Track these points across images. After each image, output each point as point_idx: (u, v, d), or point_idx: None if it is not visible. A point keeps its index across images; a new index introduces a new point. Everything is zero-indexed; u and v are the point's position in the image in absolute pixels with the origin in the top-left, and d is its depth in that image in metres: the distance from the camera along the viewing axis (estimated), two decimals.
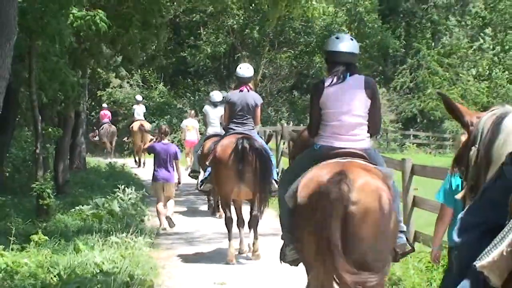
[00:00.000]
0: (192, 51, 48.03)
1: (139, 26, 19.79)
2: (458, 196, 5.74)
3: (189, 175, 21.35)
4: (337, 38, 8.70)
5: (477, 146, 5.31)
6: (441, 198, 8.77)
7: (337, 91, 8.21)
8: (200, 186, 16.58)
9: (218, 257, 14.24)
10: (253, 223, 14.18)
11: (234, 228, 14.28)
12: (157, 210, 17.58)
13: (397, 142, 49.99)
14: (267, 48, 49.02)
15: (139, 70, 40.10)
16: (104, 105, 39.88)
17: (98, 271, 10.59)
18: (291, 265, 9.21)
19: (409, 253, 9.29)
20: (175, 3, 22.27)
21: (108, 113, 38.40)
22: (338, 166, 7.60)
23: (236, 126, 13.93)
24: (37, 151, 16.78)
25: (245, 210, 14.68)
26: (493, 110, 5.22)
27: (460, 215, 4.80)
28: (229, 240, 13.98)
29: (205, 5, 26.01)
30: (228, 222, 14.08)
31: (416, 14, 55.99)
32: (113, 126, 37.93)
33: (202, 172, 17.77)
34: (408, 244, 8.66)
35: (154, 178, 17.81)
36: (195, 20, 43.54)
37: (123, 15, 18.59)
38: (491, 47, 54.82)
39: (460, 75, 53.14)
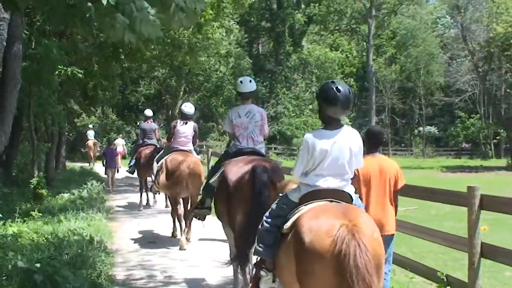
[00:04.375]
0: (134, 93, 47.98)
1: (100, 77, 19.74)
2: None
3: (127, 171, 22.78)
4: (185, 106, 12.42)
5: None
6: None
7: (182, 127, 12.03)
8: (130, 170, 19.06)
9: (151, 225, 14.34)
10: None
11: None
12: (107, 182, 21.83)
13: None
14: (182, 92, 48.95)
15: (100, 106, 39.65)
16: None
17: (73, 234, 10.57)
18: (154, 194, 17.09)
19: None
20: (123, 64, 22.06)
21: None
22: (183, 153, 11.76)
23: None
24: (34, 158, 16.68)
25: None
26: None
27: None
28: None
29: (140, 66, 25.86)
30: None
31: (276, 72, 56.51)
32: None
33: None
34: None
35: (107, 167, 22.20)
36: (136, 75, 43.25)
37: (88, 69, 18.38)
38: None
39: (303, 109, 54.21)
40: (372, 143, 6.72)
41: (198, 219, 8.83)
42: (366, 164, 5.92)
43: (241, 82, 8.23)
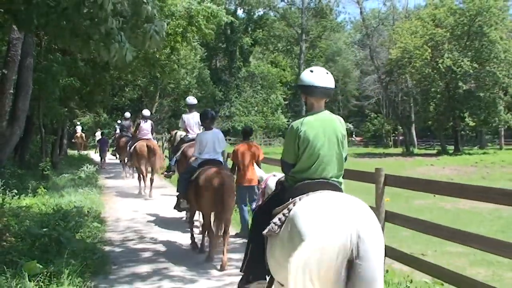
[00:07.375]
0: (121, 97, 47.18)
1: (93, 84, 19.30)
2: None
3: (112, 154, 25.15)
4: (145, 111, 14.79)
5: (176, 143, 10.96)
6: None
7: (144, 124, 14.23)
8: (114, 154, 21.72)
9: (134, 198, 14.21)
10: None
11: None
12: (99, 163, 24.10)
13: None
14: (157, 96, 48.31)
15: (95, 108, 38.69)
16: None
17: (73, 206, 10.40)
18: (129, 167, 17.66)
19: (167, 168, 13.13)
20: (114, 74, 21.59)
21: None
22: (145, 140, 14.02)
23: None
24: (42, 147, 16.44)
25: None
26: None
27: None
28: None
29: (127, 76, 25.38)
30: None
31: (230, 82, 56.48)
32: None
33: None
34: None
35: (100, 151, 25.17)
36: (123, 83, 42.50)
37: (83, 78, 17.93)
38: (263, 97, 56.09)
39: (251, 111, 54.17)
40: (245, 135, 9.03)
41: (167, 177, 11.28)
42: (242, 146, 8.85)
43: (189, 99, 11.10)
